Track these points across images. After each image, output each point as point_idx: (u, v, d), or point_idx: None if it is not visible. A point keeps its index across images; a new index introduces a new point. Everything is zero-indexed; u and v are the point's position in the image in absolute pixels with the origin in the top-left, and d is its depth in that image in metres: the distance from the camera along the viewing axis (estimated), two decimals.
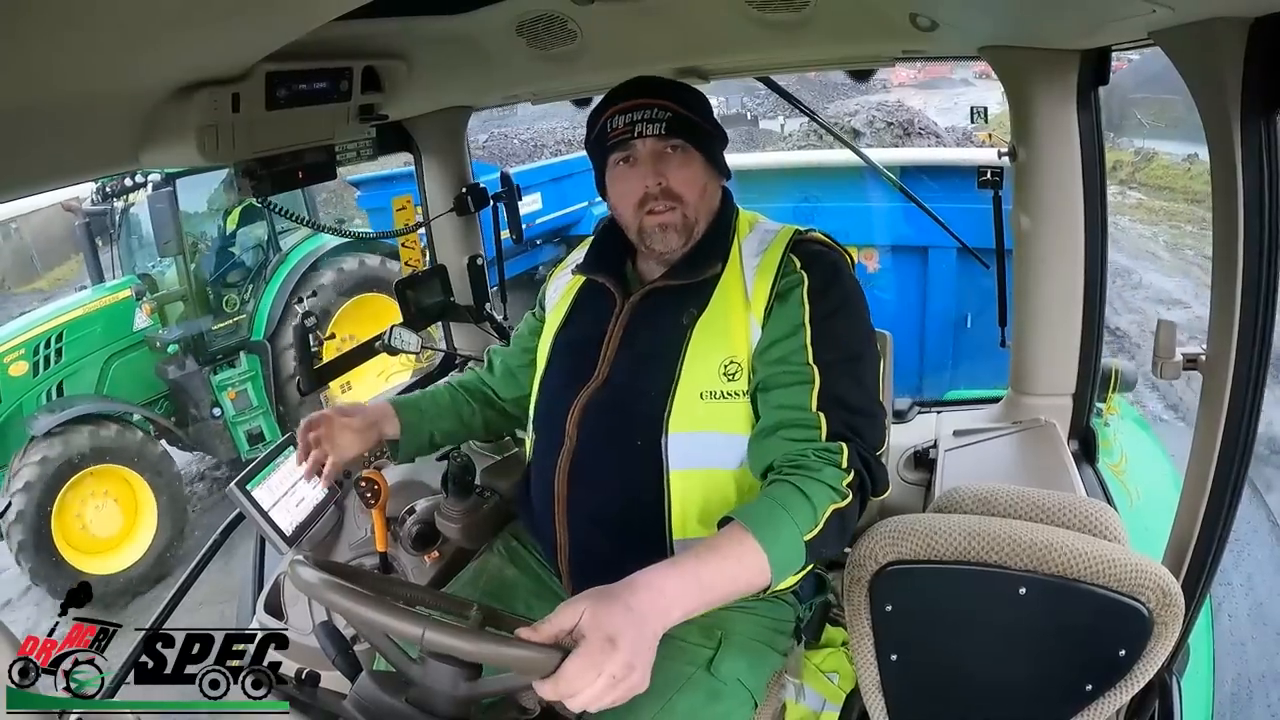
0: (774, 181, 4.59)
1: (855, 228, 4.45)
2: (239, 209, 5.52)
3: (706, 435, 1.20)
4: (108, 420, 4.92)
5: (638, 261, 1.39)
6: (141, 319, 5.34)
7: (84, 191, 5.73)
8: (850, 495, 1.06)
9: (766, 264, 1.25)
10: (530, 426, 1.41)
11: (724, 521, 1.05)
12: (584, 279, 1.41)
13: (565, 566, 1.30)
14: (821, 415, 1.11)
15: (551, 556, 1.32)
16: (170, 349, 5.45)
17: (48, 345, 4.97)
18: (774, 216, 1.38)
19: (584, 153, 1.43)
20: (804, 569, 1.06)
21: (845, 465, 1.08)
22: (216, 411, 5.63)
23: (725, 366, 1.20)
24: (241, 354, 5.65)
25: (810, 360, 1.15)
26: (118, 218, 5.66)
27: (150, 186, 5.09)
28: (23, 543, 4.53)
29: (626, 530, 1.23)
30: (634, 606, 0.87)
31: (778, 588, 1.03)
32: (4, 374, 4.77)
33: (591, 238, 1.45)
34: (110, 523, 4.97)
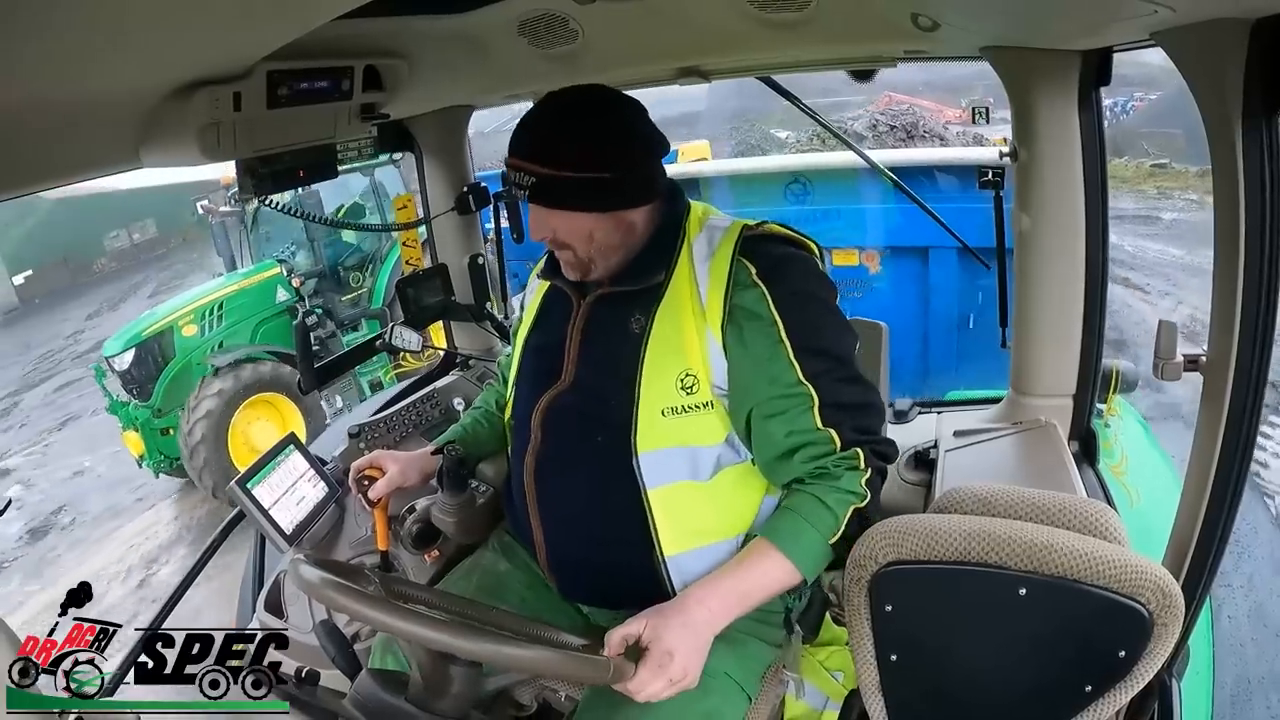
0: (768, 183, 4.60)
1: (856, 229, 4.45)
2: (347, 206, 6.77)
3: (675, 450, 1.21)
4: (266, 360, 6.15)
5: None
6: (281, 294, 6.63)
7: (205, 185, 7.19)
8: (869, 493, 1.16)
9: (716, 268, 1.22)
10: (507, 427, 1.46)
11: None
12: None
13: (545, 562, 1.34)
14: (830, 430, 1.16)
15: (532, 553, 1.36)
16: (316, 311, 6.74)
17: (211, 312, 6.31)
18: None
19: None
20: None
21: (863, 465, 1.16)
22: None
23: (682, 380, 1.20)
24: (364, 320, 6.94)
25: (800, 377, 1.16)
26: (247, 218, 6.88)
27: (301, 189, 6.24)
28: (206, 458, 5.68)
29: (613, 546, 1.26)
30: (687, 622, 1.07)
31: None
32: (178, 334, 6.12)
33: None
34: (270, 441, 5.69)
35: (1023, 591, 1.04)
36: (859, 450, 1.16)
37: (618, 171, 1.22)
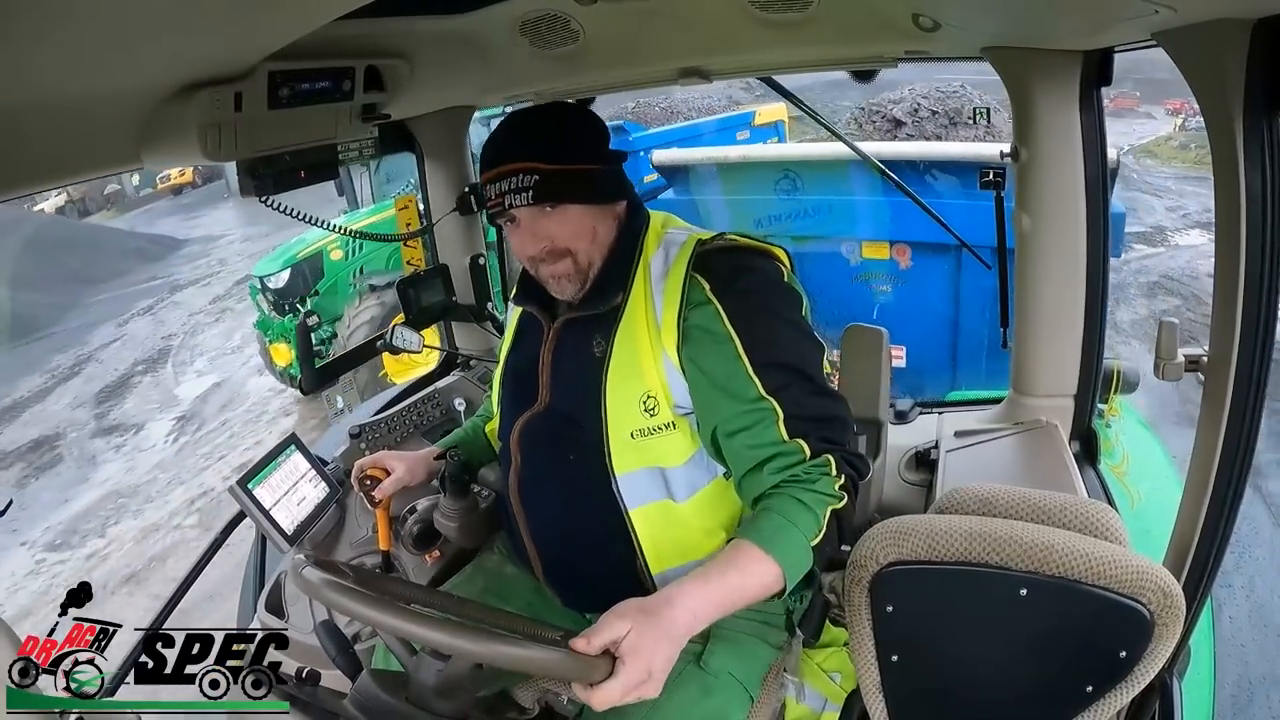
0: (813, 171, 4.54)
1: (886, 222, 4.38)
2: None
3: (649, 471, 1.22)
4: None
5: None
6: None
7: None
8: (845, 496, 1.13)
9: (670, 288, 1.21)
10: (495, 446, 1.52)
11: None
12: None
13: (541, 573, 1.35)
14: (799, 441, 1.13)
15: (530, 568, 1.37)
16: None
17: (354, 239, 7.17)
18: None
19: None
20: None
21: (835, 471, 1.13)
22: None
23: (644, 402, 1.20)
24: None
25: (762, 393, 1.14)
26: (373, 162, 7.50)
27: None
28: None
29: (603, 562, 1.27)
30: (671, 632, 0.96)
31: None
32: (328, 258, 7.10)
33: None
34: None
35: (1024, 592, 1.04)
36: (829, 457, 1.13)
37: (607, 163, 1.27)
